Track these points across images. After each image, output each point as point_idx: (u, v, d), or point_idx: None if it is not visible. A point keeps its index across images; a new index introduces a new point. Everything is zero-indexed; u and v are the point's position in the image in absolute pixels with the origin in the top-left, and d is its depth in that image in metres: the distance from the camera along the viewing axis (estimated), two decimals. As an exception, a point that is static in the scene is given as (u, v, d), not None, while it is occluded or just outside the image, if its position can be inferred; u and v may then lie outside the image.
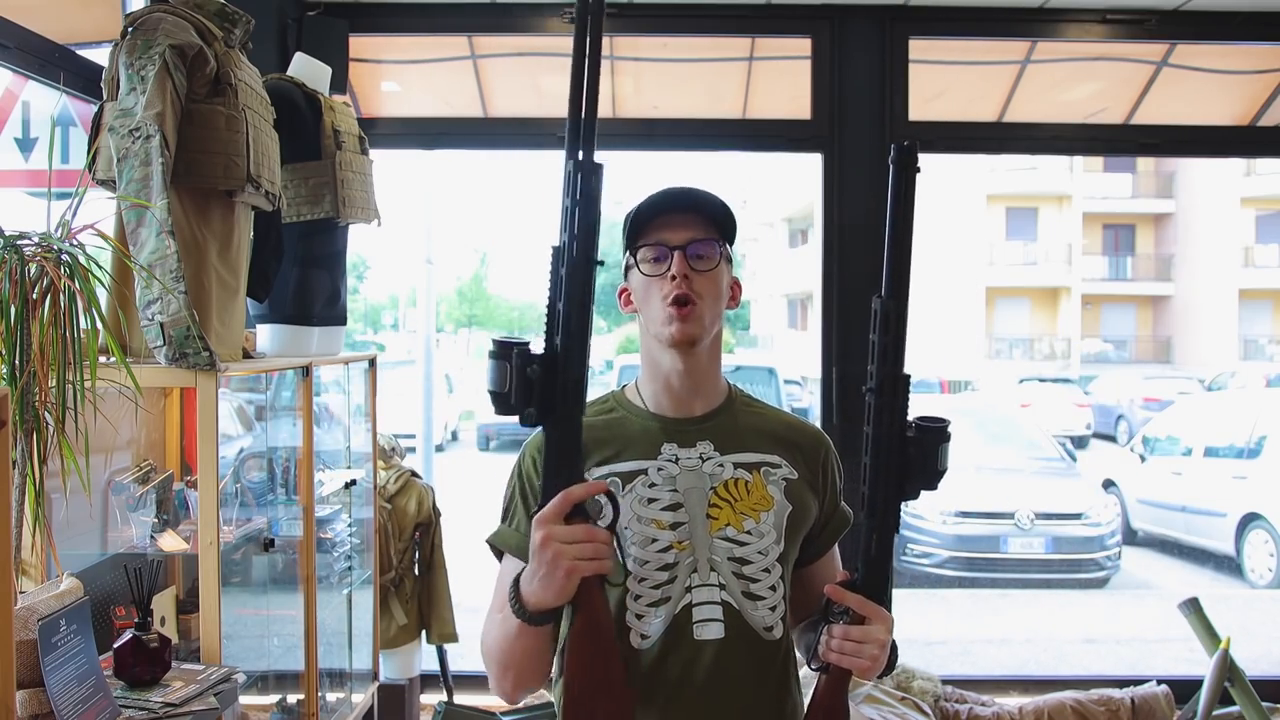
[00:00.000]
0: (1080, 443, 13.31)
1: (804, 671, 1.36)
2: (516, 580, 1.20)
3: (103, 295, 1.75)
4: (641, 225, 1.32)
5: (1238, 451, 7.52)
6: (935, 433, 1.24)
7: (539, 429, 1.25)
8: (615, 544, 1.17)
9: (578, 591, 1.16)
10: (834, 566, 1.45)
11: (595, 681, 1.19)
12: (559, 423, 1.18)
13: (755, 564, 1.29)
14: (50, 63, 2.26)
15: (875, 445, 1.23)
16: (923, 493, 1.27)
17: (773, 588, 1.30)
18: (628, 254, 1.36)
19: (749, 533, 1.30)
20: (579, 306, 1.15)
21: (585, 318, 1.15)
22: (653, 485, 1.31)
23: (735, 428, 1.37)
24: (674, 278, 1.28)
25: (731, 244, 1.36)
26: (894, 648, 1.29)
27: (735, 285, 1.38)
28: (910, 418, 1.26)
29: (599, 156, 1.17)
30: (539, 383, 1.15)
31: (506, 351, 1.15)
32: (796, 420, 1.46)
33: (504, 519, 1.36)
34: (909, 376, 1.23)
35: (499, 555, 1.36)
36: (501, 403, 1.17)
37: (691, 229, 1.31)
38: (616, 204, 1.42)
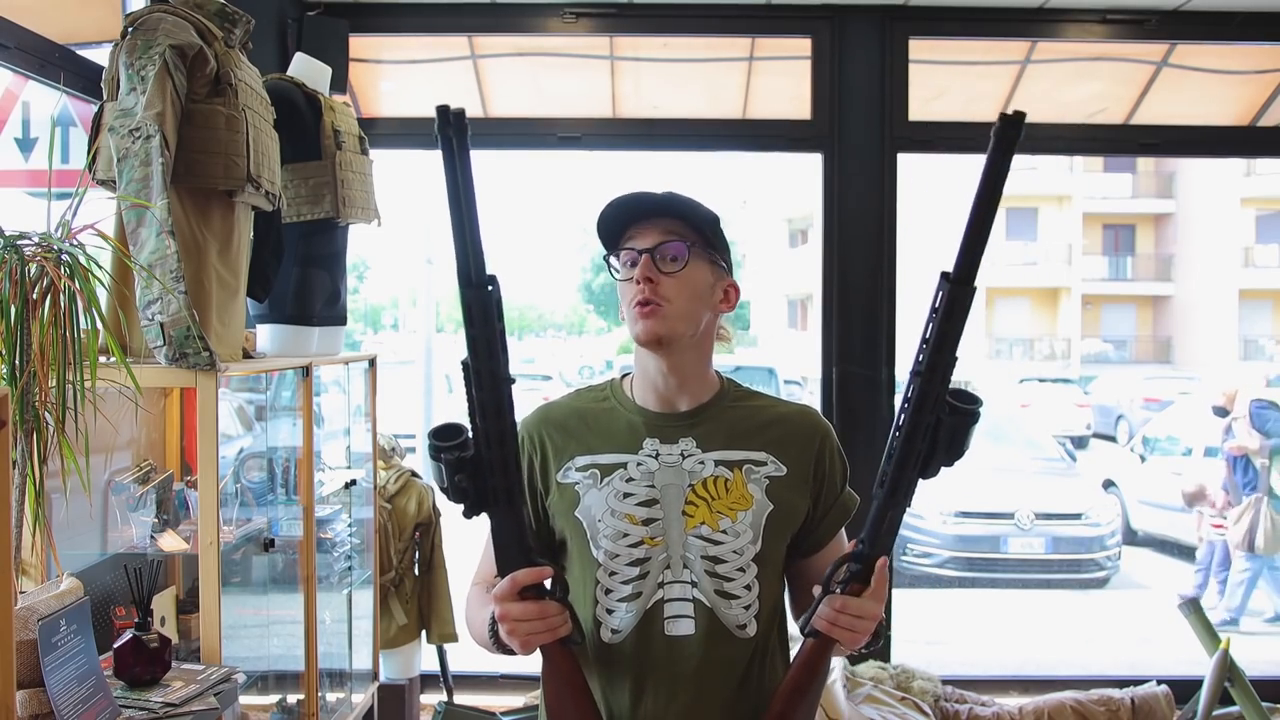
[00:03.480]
0: (1080, 443, 13.30)
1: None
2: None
3: (103, 295, 1.75)
4: (613, 234, 1.34)
5: (1238, 451, 7.51)
6: (965, 415, 1.18)
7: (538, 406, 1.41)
8: (571, 610, 1.24)
9: (541, 648, 1.24)
10: (838, 554, 1.41)
11: None
12: (495, 519, 1.21)
13: (729, 563, 1.30)
14: (50, 63, 2.25)
15: (912, 431, 1.17)
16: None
17: (747, 587, 1.30)
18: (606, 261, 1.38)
19: (724, 532, 1.30)
20: (496, 422, 1.15)
21: (504, 430, 1.16)
22: (630, 480, 1.32)
23: (721, 424, 1.36)
24: (637, 281, 1.30)
25: (716, 245, 1.35)
26: (881, 622, 1.26)
27: (731, 288, 1.38)
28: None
29: (604, 156, 1.17)
30: (469, 489, 1.18)
31: (437, 454, 1.17)
32: (792, 410, 1.42)
33: None
34: (956, 360, 1.17)
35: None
36: (445, 495, 1.21)
37: (661, 232, 1.32)
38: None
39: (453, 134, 1.08)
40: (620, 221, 1.34)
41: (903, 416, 1.17)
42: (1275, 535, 5.50)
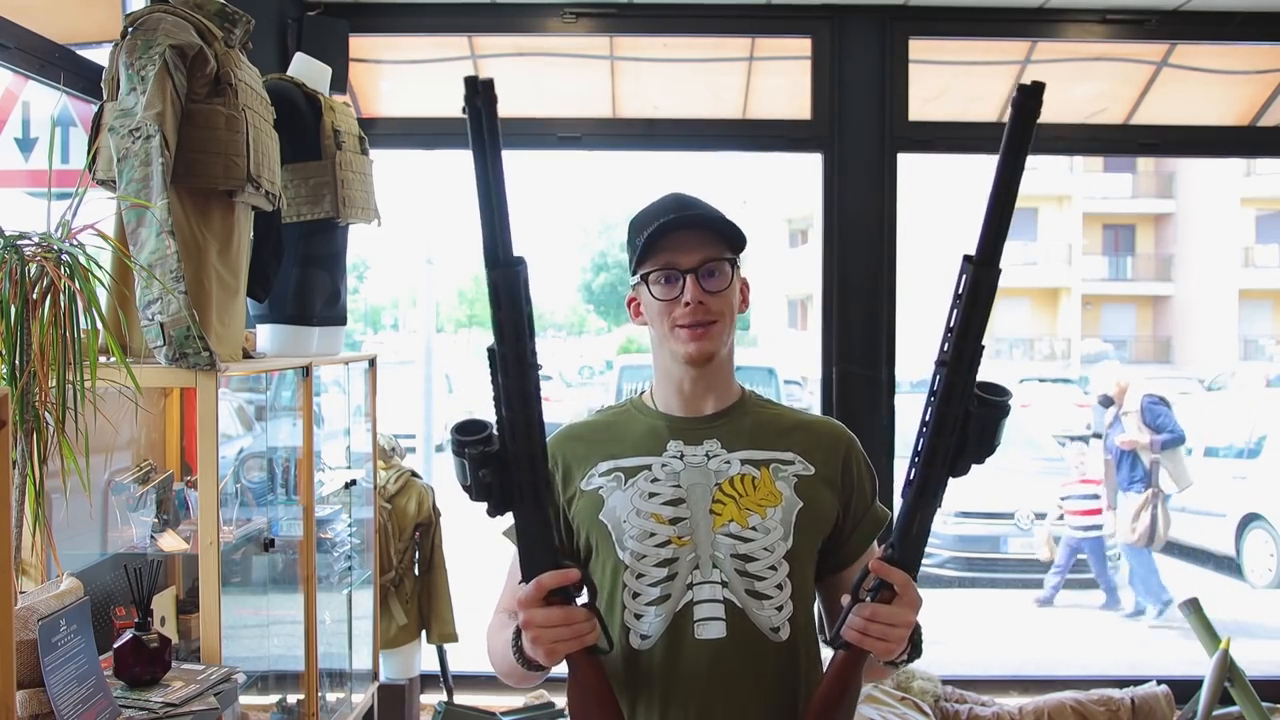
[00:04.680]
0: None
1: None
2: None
3: (103, 295, 1.75)
4: (649, 246, 1.30)
5: (1238, 451, 7.51)
6: (996, 407, 1.13)
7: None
8: (600, 617, 1.20)
9: (567, 658, 1.19)
10: None
11: None
12: (520, 517, 1.16)
13: (760, 561, 1.26)
14: (50, 63, 2.26)
15: (940, 424, 1.12)
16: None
17: (779, 586, 1.26)
18: (637, 272, 1.33)
19: (754, 529, 1.26)
20: (523, 411, 1.11)
21: (530, 420, 1.11)
22: (655, 480, 1.30)
23: (745, 426, 1.35)
24: (688, 304, 1.28)
25: (740, 252, 1.34)
26: (918, 630, 1.24)
27: (744, 287, 1.37)
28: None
29: (604, 156, 1.17)
30: (494, 484, 1.13)
31: (460, 449, 1.13)
32: (815, 418, 1.42)
33: None
34: (983, 349, 1.11)
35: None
36: (467, 494, 1.16)
37: (702, 248, 1.29)
38: (617, 203, 1.42)
39: (481, 105, 1.04)
40: (654, 238, 1.29)
41: (929, 411, 1.12)
42: (1168, 529, 5.58)
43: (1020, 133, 1.05)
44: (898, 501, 1.21)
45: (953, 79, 3.77)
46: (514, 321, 1.08)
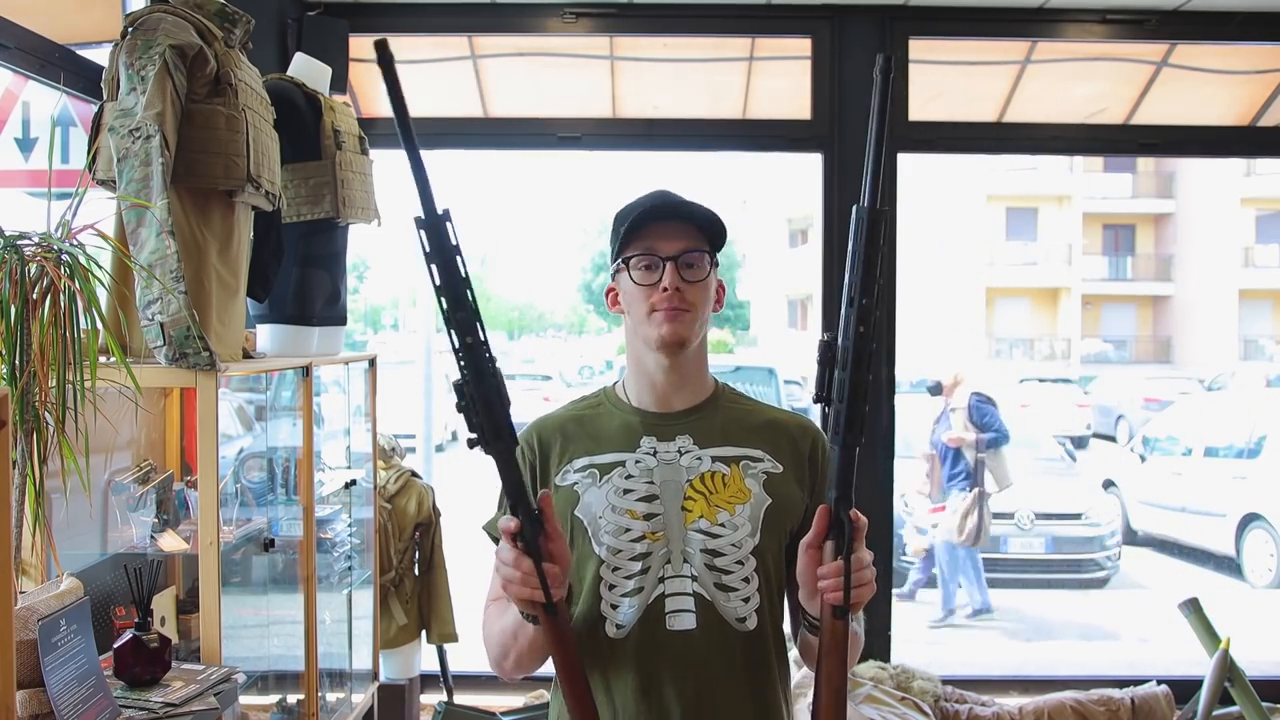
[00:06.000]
0: (1080, 443, 13.29)
1: (801, 674, 1.33)
2: None
3: (103, 295, 1.75)
4: (632, 232, 1.34)
5: (1238, 451, 7.52)
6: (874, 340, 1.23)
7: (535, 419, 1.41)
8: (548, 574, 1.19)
9: (539, 618, 1.20)
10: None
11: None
12: (493, 456, 1.18)
13: (728, 556, 1.31)
14: (50, 63, 2.25)
15: (859, 360, 1.18)
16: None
17: (746, 579, 1.31)
18: (618, 258, 1.37)
19: (722, 525, 1.31)
20: (471, 350, 1.12)
21: (478, 360, 1.13)
22: (629, 477, 1.34)
23: (716, 423, 1.39)
24: (665, 289, 1.32)
25: (719, 250, 1.38)
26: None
27: (720, 288, 1.41)
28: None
29: (604, 156, 1.17)
30: (469, 421, 1.16)
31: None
32: (784, 414, 1.47)
33: (498, 506, 1.40)
34: (881, 283, 1.20)
35: (496, 541, 1.38)
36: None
37: (682, 239, 1.34)
38: (617, 203, 1.43)
39: (382, 63, 1.05)
40: (636, 225, 1.34)
41: (844, 352, 1.18)
42: (989, 528, 5.56)
43: (884, 92, 1.17)
44: (898, 503, 1.21)
45: (953, 79, 3.77)
46: (444, 267, 1.11)
